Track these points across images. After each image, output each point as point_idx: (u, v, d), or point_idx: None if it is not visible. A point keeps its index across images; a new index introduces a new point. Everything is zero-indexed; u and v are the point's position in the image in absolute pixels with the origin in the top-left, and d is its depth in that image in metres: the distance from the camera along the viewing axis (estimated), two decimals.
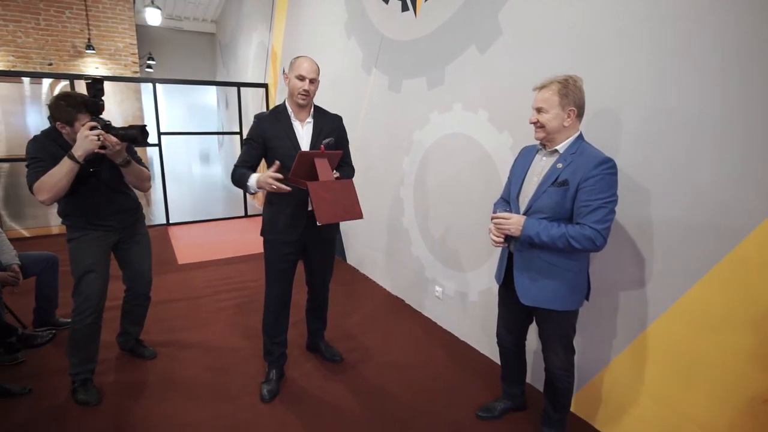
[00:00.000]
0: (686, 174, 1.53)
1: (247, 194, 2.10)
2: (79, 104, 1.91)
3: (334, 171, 1.98)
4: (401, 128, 3.17)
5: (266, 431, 1.92)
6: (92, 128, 1.83)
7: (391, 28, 3.18)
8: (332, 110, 2.23)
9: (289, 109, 2.05)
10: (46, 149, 1.93)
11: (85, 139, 1.81)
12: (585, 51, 1.82)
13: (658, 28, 1.56)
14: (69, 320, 2.90)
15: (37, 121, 6.76)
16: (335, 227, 2.29)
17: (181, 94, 10.79)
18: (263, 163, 2.11)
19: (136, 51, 7.27)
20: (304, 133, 2.06)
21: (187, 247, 4.93)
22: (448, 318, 2.89)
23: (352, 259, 4.28)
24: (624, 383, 1.82)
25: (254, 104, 6.87)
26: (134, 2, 7.37)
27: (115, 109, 7.27)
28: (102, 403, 2.11)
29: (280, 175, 1.82)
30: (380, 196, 3.57)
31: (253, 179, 1.93)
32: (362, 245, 4.02)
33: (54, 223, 5.72)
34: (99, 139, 1.83)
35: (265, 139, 2.01)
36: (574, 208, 1.53)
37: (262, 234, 2.14)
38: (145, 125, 1.95)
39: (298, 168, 1.81)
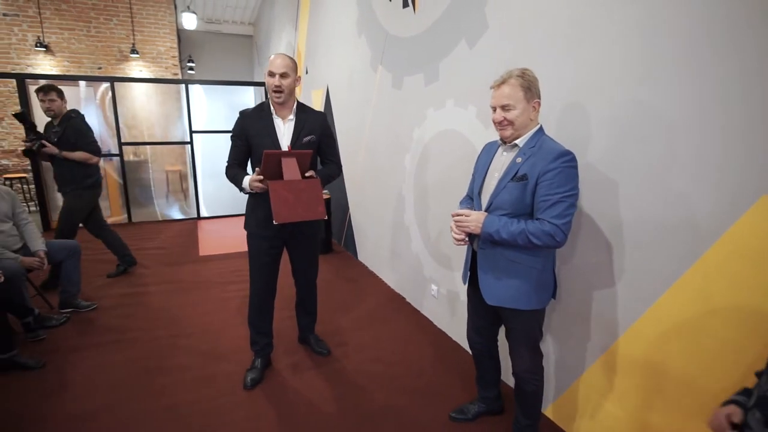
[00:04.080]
0: (659, 172, 1.42)
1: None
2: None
3: (311, 171, 2.01)
4: (403, 125, 3.16)
5: (238, 417, 1.99)
6: (24, 141, 3.28)
7: (394, 24, 3.17)
8: (346, 109, 2.26)
9: (272, 107, 2.10)
10: None
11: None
12: (562, 43, 1.74)
13: (638, 17, 1.46)
14: (90, 303, 3.17)
15: (92, 121, 7.37)
16: (316, 222, 2.27)
17: (223, 94, 11.29)
18: None
19: (177, 54, 7.69)
20: (285, 130, 2.10)
21: (211, 240, 5.17)
22: (442, 317, 2.85)
23: (362, 256, 4.32)
24: (598, 392, 1.73)
25: None
26: (176, 8, 7.79)
27: (158, 109, 7.73)
28: (88, 378, 2.28)
29: (260, 177, 1.92)
30: (386, 194, 3.58)
31: (246, 182, 2.02)
32: (371, 243, 4.04)
33: (104, 213, 6.20)
34: (25, 146, 3.31)
35: (248, 136, 2.07)
36: (534, 203, 1.48)
37: (245, 227, 2.21)
38: (43, 143, 3.26)
39: (267, 167, 1.86)
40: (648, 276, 1.49)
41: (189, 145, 6.05)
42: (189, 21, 6.69)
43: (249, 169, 2.17)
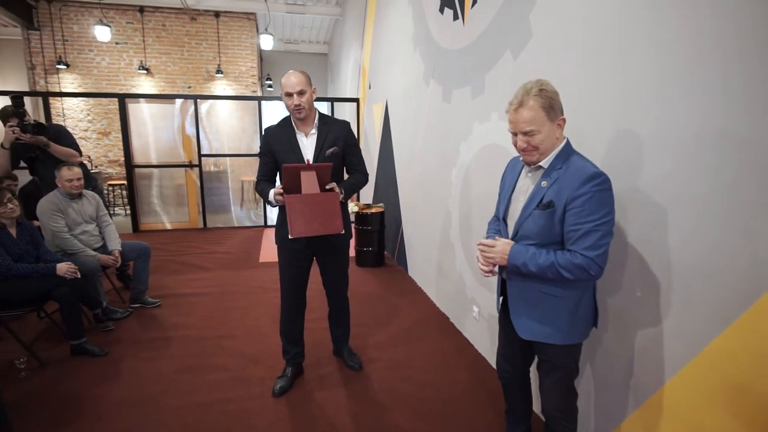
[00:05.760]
0: (718, 199, 1.22)
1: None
2: (8, 114, 3.16)
3: (332, 183, 2.02)
4: (450, 139, 3.09)
5: (261, 422, 2.04)
6: (10, 126, 3.02)
7: (445, 38, 3.13)
8: (400, 123, 2.24)
9: (294, 122, 2.14)
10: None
11: (6, 134, 3.03)
12: (609, 51, 1.59)
13: (696, 19, 1.29)
14: (156, 300, 3.45)
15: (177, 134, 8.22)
16: (344, 236, 2.22)
17: None
18: None
19: (256, 73, 8.30)
20: (308, 144, 2.14)
21: (273, 248, 5.40)
22: (482, 341, 2.70)
23: (412, 271, 4.26)
24: None
25: (351, 118, 7.29)
26: (257, 31, 8.44)
27: (237, 123, 8.39)
28: (139, 369, 2.47)
29: (281, 190, 1.97)
30: (434, 209, 3.51)
31: (271, 195, 2.08)
32: (420, 257, 3.97)
33: (183, 219, 6.81)
34: (14, 132, 3.00)
35: (273, 152, 2.13)
36: (564, 233, 1.34)
37: (275, 241, 2.27)
38: (41, 123, 3.18)
39: (287, 181, 1.89)
40: (698, 316, 1.28)
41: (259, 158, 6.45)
42: (266, 42, 7.20)
43: (278, 182, 2.23)
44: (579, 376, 1.78)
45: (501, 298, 1.64)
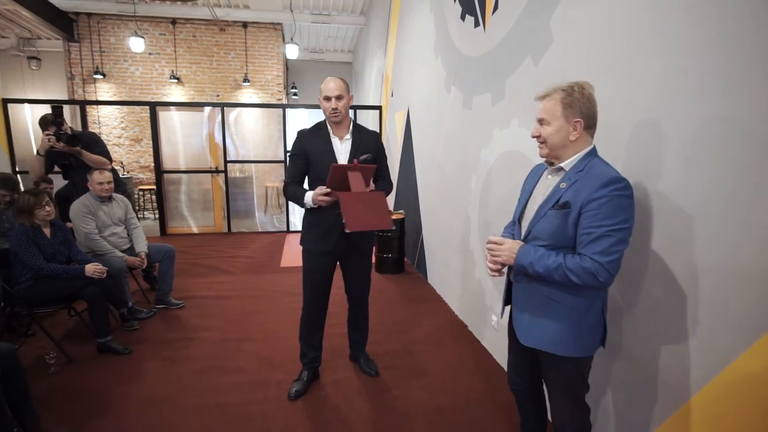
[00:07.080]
0: (746, 204, 1.17)
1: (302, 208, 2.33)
2: (47, 122, 3.29)
3: (372, 185, 2.04)
4: (471, 146, 3.07)
5: (276, 425, 2.05)
6: (47, 134, 3.15)
7: (466, 45, 3.13)
8: (422, 130, 2.27)
9: (329, 127, 2.19)
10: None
11: (42, 141, 3.18)
12: (630, 55, 1.55)
13: (713, 21, 1.25)
14: (180, 302, 3.53)
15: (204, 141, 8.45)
16: (368, 240, 2.28)
17: (322, 117, 12.16)
18: None
19: (281, 82, 8.48)
20: (342, 149, 2.17)
21: (293, 253, 5.49)
22: (501, 350, 2.64)
23: (432, 278, 4.22)
24: None
25: (374, 125, 7.34)
26: (284, 41, 8.63)
27: (263, 130, 8.57)
28: (161, 368, 2.53)
29: (327, 189, 1.96)
30: (454, 216, 3.48)
31: (308, 197, 2.07)
32: (440, 264, 3.94)
33: (208, 223, 6.99)
34: (49, 141, 3.13)
35: (307, 154, 2.17)
36: (576, 236, 1.31)
37: (300, 243, 2.30)
38: (75, 135, 3.25)
39: (333, 180, 1.92)
40: (727, 329, 1.23)
41: (284, 164, 6.55)
42: (291, 51, 7.36)
43: (305, 185, 2.25)
44: (595, 392, 1.73)
45: (507, 307, 1.61)
